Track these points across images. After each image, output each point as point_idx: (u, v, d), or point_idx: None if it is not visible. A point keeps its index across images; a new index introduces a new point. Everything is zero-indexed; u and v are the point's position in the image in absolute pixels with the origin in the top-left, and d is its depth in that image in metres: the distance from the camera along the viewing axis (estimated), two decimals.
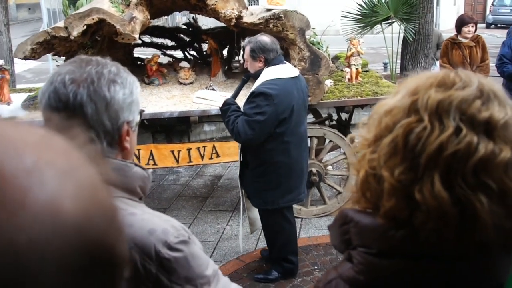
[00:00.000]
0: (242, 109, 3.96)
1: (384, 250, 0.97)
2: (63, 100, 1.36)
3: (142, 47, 6.69)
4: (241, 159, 4.16)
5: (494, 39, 17.99)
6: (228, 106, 4.01)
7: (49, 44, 4.73)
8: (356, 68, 5.64)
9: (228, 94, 4.39)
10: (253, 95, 3.81)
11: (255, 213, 4.43)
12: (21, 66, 7.96)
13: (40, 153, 0.43)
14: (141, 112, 1.54)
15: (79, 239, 0.43)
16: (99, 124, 1.39)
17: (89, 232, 0.44)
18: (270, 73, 3.86)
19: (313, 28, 5.23)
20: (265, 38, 3.95)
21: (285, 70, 3.92)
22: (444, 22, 20.48)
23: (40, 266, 0.40)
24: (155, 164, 5.24)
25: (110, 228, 0.48)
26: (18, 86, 7.63)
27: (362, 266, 0.99)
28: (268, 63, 3.92)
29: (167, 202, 6.07)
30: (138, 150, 5.17)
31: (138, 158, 5.15)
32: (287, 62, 4.07)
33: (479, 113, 0.91)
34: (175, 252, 1.37)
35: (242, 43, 4.15)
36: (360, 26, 6.46)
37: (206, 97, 4.70)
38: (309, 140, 5.41)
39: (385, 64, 8.90)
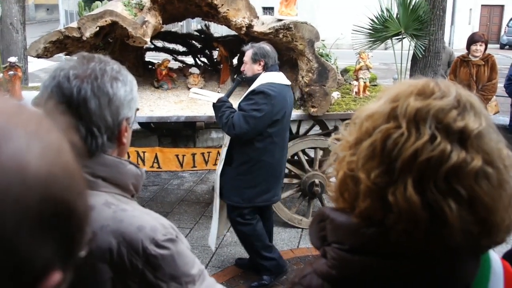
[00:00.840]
0: (235, 107, 4.19)
1: (356, 247, 1.01)
2: (67, 95, 1.40)
3: (154, 52, 6.77)
4: (225, 157, 4.29)
5: (507, 60, 17.93)
6: (222, 102, 4.20)
7: (62, 44, 4.81)
8: (364, 82, 5.67)
9: (223, 92, 4.63)
10: (253, 93, 4.05)
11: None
12: (35, 65, 8.07)
13: (11, 118, 0.49)
14: (136, 110, 1.59)
15: (41, 191, 0.48)
16: (101, 119, 1.43)
17: (52, 187, 0.49)
18: (269, 77, 4.11)
19: (323, 40, 5.27)
20: (266, 46, 4.24)
21: (280, 77, 4.18)
22: (459, 41, 20.52)
23: (5, 211, 0.45)
24: (159, 167, 5.29)
25: (71, 185, 0.53)
26: (31, 85, 7.73)
27: (335, 261, 1.03)
28: (266, 68, 4.16)
29: (169, 206, 6.10)
30: (144, 152, 5.23)
31: (143, 160, 5.20)
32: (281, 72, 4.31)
33: (454, 123, 0.95)
34: (162, 249, 1.40)
35: (244, 47, 4.29)
36: (370, 41, 6.49)
37: (202, 93, 4.86)
38: (314, 151, 5.46)
39: (394, 79, 8.93)
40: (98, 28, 4.61)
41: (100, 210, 1.40)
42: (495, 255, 1.10)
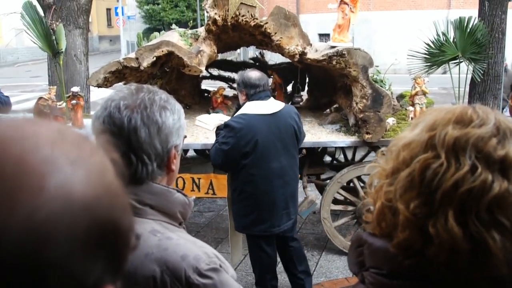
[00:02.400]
0: None
1: (394, 272, 1.00)
2: (118, 124, 1.46)
3: (209, 80, 6.91)
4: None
5: None
6: (218, 131, 4.21)
7: (120, 74, 4.99)
8: (420, 107, 5.57)
9: (227, 119, 4.60)
10: (223, 126, 4.05)
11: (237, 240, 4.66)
12: (97, 94, 8.39)
13: (54, 146, 0.53)
14: (184, 137, 1.63)
15: (87, 215, 0.52)
16: (151, 147, 1.48)
17: (97, 210, 0.54)
18: (244, 108, 4.05)
19: (377, 66, 5.24)
20: (250, 74, 4.11)
21: (260, 107, 4.02)
22: None
23: (55, 237, 0.49)
24: (214, 193, 5.34)
25: (116, 204, 0.58)
26: (92, 113, 8.02)
27: (373, 286, 1.02)
28: (249, 97, 4.07)
29: (224, 232, 6.13)
30: (199, 179, 5.30)
31: (198, 187, 5.27)
32: (269, 99, 4.14)
33: (494, 152, 0.93)
34: (205, 278, 1.41)
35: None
36: (426, 65, 6.39)
37: (204, 120, 5.12)
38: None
39: (453, 104, 8.71)
40: (155, 58, 4.75)
41: (146, 238, 1.43)
42: None
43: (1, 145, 0.51)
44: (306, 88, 6.56)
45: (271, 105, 4.09)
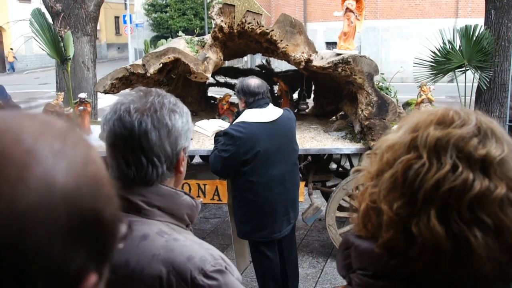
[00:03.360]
0: None
1: (380, 272, 1.01)
2: (128, 128, 1.48)
3: (216, 87, 6.94)
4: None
5: None
6: (216, 138, 4.20)
7: (127, 80, 5.03)
8: None
9: (226, 125, 4.59)
10: (222, 134, 4.02)
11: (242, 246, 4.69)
12: (104, 101, 8.43)
13: (37, 138, 0.55)
14: (191, 139, 1.66)
15: (68, 205, 0.54)
16: (161, 150, 1.51)
17: (78, 199, 0.55)
18: (244, 116, 4.02)
19: (382, 74, 5.25)
20: (249, 81, 4.08)
21: (259, 115, 4.00)
22: None
23: (35, 225, 0.51)
24: (219, 199, 5.36)
25: (99, 196, 0.59)
26: (99, 119, 8.07)
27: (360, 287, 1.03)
28: (247, 105, 4.06)
29: (230, 239, 6.12)
30: (204, 185, 5.33)
31: (204, 193, 5.30)
32: (268, 106, 4.10)
33: (475, 151, 0.94)
34: (210, 280, 1.42)
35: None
36: (432, 73, 6.39)
37: (203, 126, 5.14)
38: None
39: None
40: (161, 65, 4.79)
41: (153, 239, 1.46)
42: None
43: None
44: (312, 95, 6.58)
45: (270, 113, 4.08)
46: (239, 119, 4.05)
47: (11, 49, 29.76)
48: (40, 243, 0.52)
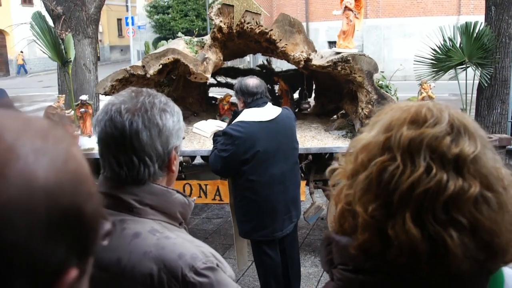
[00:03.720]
0: None
1: (359, 267, 1.01)
2: (119, 128, 1.49)
3: (217, 87, 6.95)
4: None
5: None
6: (215, 138, 4.24)
7: (127, 81, 5.04)
8: None
9: (223, 125, 4.60)
10: (222, 133, 4.06)
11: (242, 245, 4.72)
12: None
13: (18, 136, 0.56)
14: (182, 139, 1.66)
15: (48, 200, 0.55)
16: (152, 149, 1.52)
17: (59, 195, 0.57)
18: (243, 115, 4.03)
19: (382, 72, 5.25)
20: (248, 81, 4.09)
21: (258, 114, 4.00)
22: None
23: (17, 219, 0.53)
24: (221, 199, 5.36)
25: (80, 192, 0.60)
26: None
27: (340, 282, 1.04)
28: (246, 105, 4.06)
29: (232, 239, 6.13)
30: (206, 185, 5.33)
31: (205, 193, 5.30)
32: (267, 105, 4.10)
33: (448, 150, 0.94)
34: (201, 277, 1.43)
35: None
36: (433, 71, 6.38)
37: (201, 128, 5.15)
38: None
39: (462, 110, 8.68)
40: (161, 66, 4.80)
41: (145, 237, 1.46)
42: (510, 271, 1.07)
43: None
44: (313, 94, 6.58)
45: (269, 111, 4.08)
46: (238, 118, 4.06)
47: (22, 52, 30.02)
48: (20, 237, 0.53)
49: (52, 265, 0.57)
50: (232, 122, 4.10)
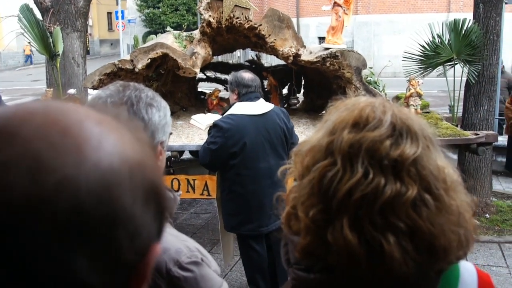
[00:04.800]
0: None
1: (311, 266, 1.02)
2: None
3: (206, 82, 6.93)
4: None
5: None
6: (210, 131, 4.24)
7: (116, 76, 5.02)
8: (415, 109, 5.59)
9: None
10: (213, 125, 4.08)
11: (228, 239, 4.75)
12: None
13: (99, 123, 0.59)
14: (170, 134, 1.65)
15: (142, 175, 0.59)
16: None
17: (146, 170, 0.60)
18: (234, 108, 4.08)
19: (371, 68, 5.26)
20: (243, 74, 4.16)
21: (249, 108, 4.04)
22: None
23: (121, 184, 0.56)
24: (209, 194, 5.35)
25: (156, 169, 0.64)
26: None
27: (295, 281, 1.05)
28: (240, 96, 4.10)
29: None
30: (194, 180, 5.32)
31: (193, 188, 5.29)
32: (259, 100, 4.14)
33: (387, 155, 0.93)
34: (185, 271, 1.43)
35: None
36: (422, 67, 6.40)
37: (198, 120, 5.23)
38: None
39: (450, 107, 8.74)
40: (149, 60, 4.79)
41: None
42: (468, 265, 1.08)
43: (63, 113, 0.57)
44: (302, 90, 6.58)
45: (260, 106, 4.11)
46: (229, 111, 4.10)
47: (29, 42, 29.72)
48: (126, 202, 0.55)
49: (145, 235, 0.58)
50: (224, 115, 4.13)
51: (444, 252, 0.94)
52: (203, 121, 5.33)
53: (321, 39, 22.21)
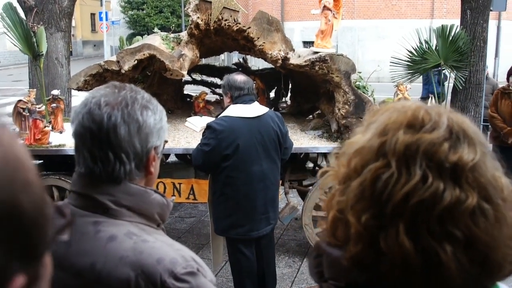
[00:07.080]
0: None
1: (352, 285, 0.95)
2: (97, 121, 1.41)
3: (192, 85, 6.87)
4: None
5: None
6: (204, 133, 4.19)
7: (101, 77, 4.94)
8: None
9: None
10: (206, 127, 4.04)
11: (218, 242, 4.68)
12: (79, 98, 8.30)
13: None
14: (165, 142, 1.58)
15: None
16: (130, 146, 1.44)
17: None
18: (228, 110, 4.04)
19: (359, 72, 5.24)
20: (236, 77, 4.12)
21: (243, 110, 4.01)
22: (504, 74, 20.09)
23: None
24: (195, 198, 5.30)
25: (11, 179, 0.51)
26: None
27: None
28: (233, 99, 4.07)
29: (206, 238, 6.07)
30: (180, 184, 5.26)
31: (179, 192, 5.22)
32: (253, 103, 4.12)
33: (446, 158, 0.88)
34: (181, 283, 1.36)
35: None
36: (409, 73, 6.42)
37: (193, 122, 5.17)
38: None
39: None
40: (136, 62, 4.71)
41: (121, 240, 1.39)
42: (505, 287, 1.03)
43: None
44: (289, 94, 6.55)
45: (255, 109, 4.08)
46: (223, 113, 4.06)
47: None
48: None
49: None
50: (218, 117, 4.09)
51: (498, 267, 0.89)
52: (198, 123, 5.28)
53: (306, 43, 22.28)
